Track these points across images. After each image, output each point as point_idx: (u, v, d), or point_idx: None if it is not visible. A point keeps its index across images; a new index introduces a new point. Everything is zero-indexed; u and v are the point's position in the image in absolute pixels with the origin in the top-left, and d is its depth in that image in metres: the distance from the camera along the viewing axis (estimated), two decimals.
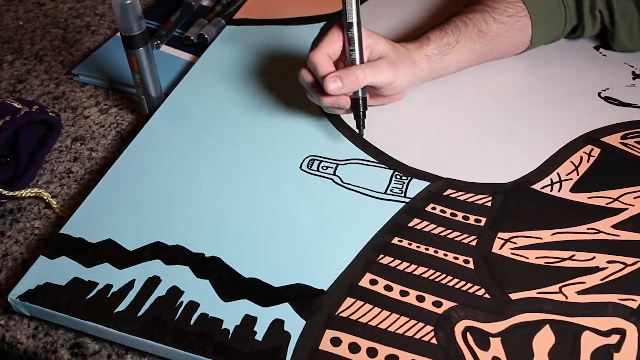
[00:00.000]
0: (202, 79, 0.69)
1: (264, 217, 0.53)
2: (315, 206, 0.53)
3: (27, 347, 0.46)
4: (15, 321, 0.48)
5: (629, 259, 0.48)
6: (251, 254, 0.50)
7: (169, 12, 0.83)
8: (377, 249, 0.50)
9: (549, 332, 0.44)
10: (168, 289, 0.47)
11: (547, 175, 0.56)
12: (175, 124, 0.63)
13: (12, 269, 0.52)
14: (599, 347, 0.43)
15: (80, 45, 0.80)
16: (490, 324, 0.44)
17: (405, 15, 0.79)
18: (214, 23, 0.79)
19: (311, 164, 0.57)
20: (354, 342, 0.43)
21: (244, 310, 0.45)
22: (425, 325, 0.44)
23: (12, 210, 0.57)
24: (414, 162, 0.57)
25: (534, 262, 0.48)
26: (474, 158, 0.58)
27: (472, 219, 0.52)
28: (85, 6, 0.88)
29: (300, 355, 0.43)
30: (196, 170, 0.57)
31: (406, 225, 0.51)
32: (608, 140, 0.59)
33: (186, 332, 0.44)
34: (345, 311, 0.45)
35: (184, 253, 0.50)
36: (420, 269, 0.48)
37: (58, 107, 0.69)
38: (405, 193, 0.54)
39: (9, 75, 0.75)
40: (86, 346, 0.46)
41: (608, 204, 0.53)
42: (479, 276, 0.47)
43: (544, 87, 0.66)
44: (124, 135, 0.65)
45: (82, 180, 0.60)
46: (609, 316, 0.45)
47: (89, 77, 0.73)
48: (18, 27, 0.84)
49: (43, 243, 0.54)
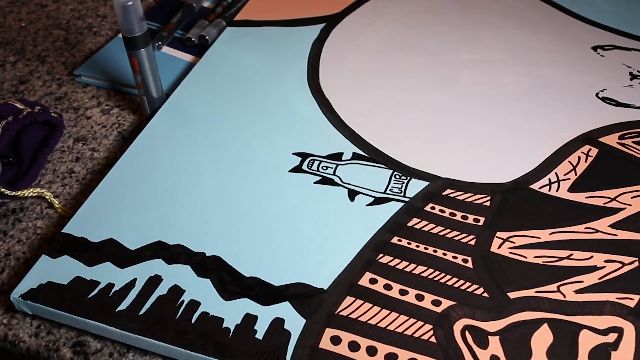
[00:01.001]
0: (203, 80, 0.69)
1: (264, 217, 0.53)
2: (315, 206, 0.54)
3: (29, 345, 0.47)
4: (17, 320, 0.48)
5: (627, 258, 0.49)
6: (252, 253, 0.50)
7: (170, 13, 0.84)
8: (377, 248, 0.50)
9: (547, 330, 0.44)
10: (169, 288, 0.47)
11: (545, 175, 0.56)
12: (177, 124, 0.63)
13: (15, 268, 0.52)
14: (597, 345, 0.43)
15: (82, 46, 0.80)
16: (489, 322, 0.45)
17: (405, 16, 0.80)
18: (215, 24, 0.80)
19: (311, 164, 0.58)
20: (354, 341, 0.44)
21: (244, 309, 0.46)
22: (424, 323, 0.45)
23: (15, 210, 0.57)
24: (414, 162, 0.58)
25: (532, 262, 0.49)
26: (473, 158, 0.58)
27: (471, 218, 0.52)
28: (87, 8, 0.89)
29: (300, 354, 0.43)
30: (197, 170, 0.58)
31: (405, 225, 0.52)
32: (606, 141, 0.59)
33: (187, 330, 0.45)
34: (345, 310, 0.46)
35: (185, 252, 0.50)
36: (420, 268, 0.48)
37: (60, 108, 0.70)
38: (404, 193, 0.55)
39: (11, 76, 0.75)
40: (88, 345, 0.46)
41: (606, 204, 0.53)
42: (478, 275, 0.48)
43: (542, 87, 0.66)
44: (126, 135, 0.66)
45: (84, 180, 0.61)
46: (606, 315, 0.45)
47: (91, 78, 0.74)
48: (20, 28, 0.84)
49: (45, 242, 0.54)
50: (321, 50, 0.74)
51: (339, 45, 0.75)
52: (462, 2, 0.83)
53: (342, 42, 0.75)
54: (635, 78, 0.67)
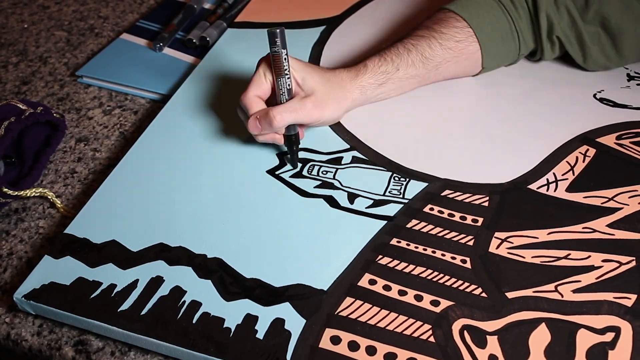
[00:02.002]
0: (204, 81, 0.70)
1: (265, 219, 0.53)
2: (315, 208, 0.54)
3: (31, 344, 0.47)
4: (20, 319, 0.49)
5: (624, 258, 0.49)
6: (252, 255, 0.50)
7: (172, 15, 0.84)
8: (376, 250, 0.50)
9: (544, 330, 0.44)
10: (171, 288, 0.48)
11: (543, 175, 0.56)
12: (178, 125, 0.64)
13: (17, 267, 0.52)
14: (594, 344, 0.43)
15: (84, 47, 0.81)
16: (487, 322, 0.45)
17: (404, 17, 0.80)
18: (215, 26, 0.80)
19: (311, 170, 0.58)
20: (354, 341, 0.44)
21: (245, 310, 0.46)
22: (423, 323, 0.45)
23: (17, 210, 0.58)
24: (412, 164, 0.58)
25: (530, 262, 0.49)
26: (472, 159, 0.59)
27: (470, 219, 0.53)
28: (89, 9, 0.89)
29: (300, 354, 0.43)
30: (198, 172, 0.58)
31: (404, 226, 0.52)
32: (603, 141, 0.60)
33: (188, 330, 0.45)
34: (345, 310, 0.46)
35: (186, 254, 0.50)
36: (419, 269, 0.49)
37: (62, 109, 0.70)
38: (403, 194, 0.55)
39: (14, 77, 0.76)
40: (90, 343, 0.47)
41: (603, 204, 0.53)
42: (476, 275, 0.48)
43: (540, 88, 0.67)
44: (127, 136, 0.66)
45: (85, 180, 0.61)
46: (604, 314, 0.45)
47: (92, 78, 0.74)
48: (23, 29, 0.85)
49: (47, 242, 0.55)
50: (321, 53, 0.74)
51: (339, 47, 0.75)
52: None
53: (342, 44, 0.76)
54: (633, 79, 0.67)
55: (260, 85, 0.56)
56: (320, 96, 0.57)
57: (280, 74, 0.55)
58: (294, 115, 0.55)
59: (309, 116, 0.56)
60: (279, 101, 0.56)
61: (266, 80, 0.56)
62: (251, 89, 0.56)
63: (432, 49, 0.62)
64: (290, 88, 0.56)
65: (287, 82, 0.56)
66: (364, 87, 0.60)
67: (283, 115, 0.55)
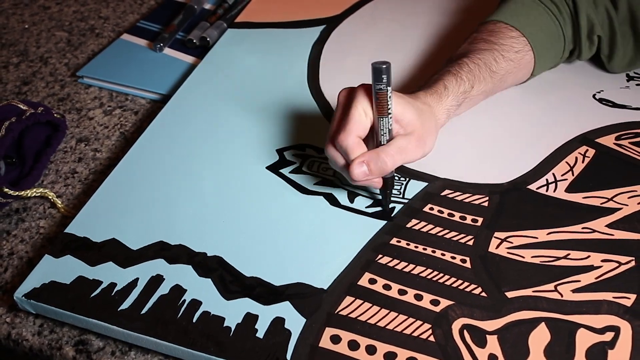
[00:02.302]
0: (204, 81, 0.70)
1: (265, 217, 0.53)
2: (316, 207, 0.54)
3: (32, 344, 0.47)
4: (20, 318, 0.49)
5: (623, 258, 0.49)
6: (252, 253, 0.50)
7: (172, 15, 0.84)
8: (376, 249, 0.50)
9: (544, 329, 0.44)
10: (171, 287, 0.48)
11: (542, 175, 0.56)
12: (178, 125, 0.64)
13: (18, 267, 0.53)
14: (594, 344, 0.43)
15: (84, 47, 0.81)
16: (487, 321, 0.45)
17: (404, 18, 0.80)
18: (216, 26, 0.80)
19: (311, 166, 0.58)
20: (354, 340, 0.44)
21: (245, 309, 0.46)
22: (423, 323, 0.45)
23: (18, 210, 0.58)
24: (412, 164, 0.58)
25: (529, 261, 0.49)
26: (471, 159, 0.59)
27: (469, 219, 0.53)
28: (89, 10, 0.89)
29: (300, 353, 0.43)
30: (198, 171, 0.58)
31: (404, 226, 0.52)
32: (603, 141, 0.60)
33: (188, 329, 0.45)
34: (345, 309, 0.46)
35: (186, 252, 0.50)
36: (418, 269, 0.49)
37: (63, 109, 0.70)
38: (403, 194, 0.55)
39: (14, 77, 0.76)
40: (90, 343, 0.47)
41: (602, 204, 0.53)
42: (476, 275, 0.48)
43: (540, 89, 0.67)
44: (128, 136, 0.66)
45: (86, 180, 0.61)
46: (603, 314, 0.45)
47: (93, 79, 0.74)
48: (24, 30, 0.85)
49: (48, 242, 0.55)
50: (321, 52, 0.74)
51: (339, 47, 0.75)
52: (461, 5, 0.83)
53: (342, 43, 0.76)
54: (632, 79, 0.67)
55: (361, 125, 0.50)
56: (421, 132, 0.51)
57: (383, 114, 0.49)
58: (403, 157, 0.50)
59: (415, 155, 0.51)
60: (378, 142, 0.50)
61: (367, 119, 0.50)
62: (353, 129, 0.49)
63: (497, 62, 0.60)
64: (392, 128, 0.50)
65: (390, 121, 0.50)
66: (448, 110, 0.57)
67: (395, 159, 0.50)
